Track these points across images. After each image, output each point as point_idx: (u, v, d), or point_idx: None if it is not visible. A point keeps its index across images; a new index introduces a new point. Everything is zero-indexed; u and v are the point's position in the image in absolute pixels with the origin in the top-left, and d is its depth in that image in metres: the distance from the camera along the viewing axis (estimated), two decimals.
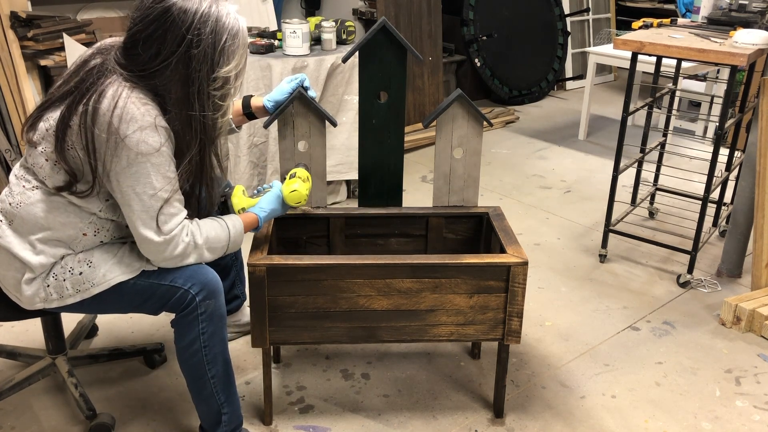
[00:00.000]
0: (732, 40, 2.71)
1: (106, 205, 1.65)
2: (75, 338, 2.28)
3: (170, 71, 1.56)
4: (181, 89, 1.57)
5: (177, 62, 1.55)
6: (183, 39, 1.54)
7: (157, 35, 1.55)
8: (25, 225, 1.65)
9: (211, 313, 1.71)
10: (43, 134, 1.62)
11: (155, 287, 1.69)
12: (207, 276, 1.71)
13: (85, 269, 1.65)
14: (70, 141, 1.57)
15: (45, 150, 1.62)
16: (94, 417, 1.96)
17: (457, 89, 2.09)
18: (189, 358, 1.75)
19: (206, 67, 1.57)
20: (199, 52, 1.55)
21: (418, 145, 4.49)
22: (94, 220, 1.66)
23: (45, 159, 1.62)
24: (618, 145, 2.92)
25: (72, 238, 1.65)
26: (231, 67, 1.61)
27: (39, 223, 1.64)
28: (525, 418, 2.10)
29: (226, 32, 1.58)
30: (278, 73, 3.12)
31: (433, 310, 1.92)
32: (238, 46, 1.61)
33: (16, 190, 1.67)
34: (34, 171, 1.66)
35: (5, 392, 2.02)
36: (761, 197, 2.74)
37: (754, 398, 2.22)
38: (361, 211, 2.18)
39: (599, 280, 2.93)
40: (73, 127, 1.56)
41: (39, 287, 1.66)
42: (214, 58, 1.57)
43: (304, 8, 5.51)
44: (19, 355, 2.19)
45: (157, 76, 1.57)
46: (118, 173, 1.56)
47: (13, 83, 3.38)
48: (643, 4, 6.71)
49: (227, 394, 1.82)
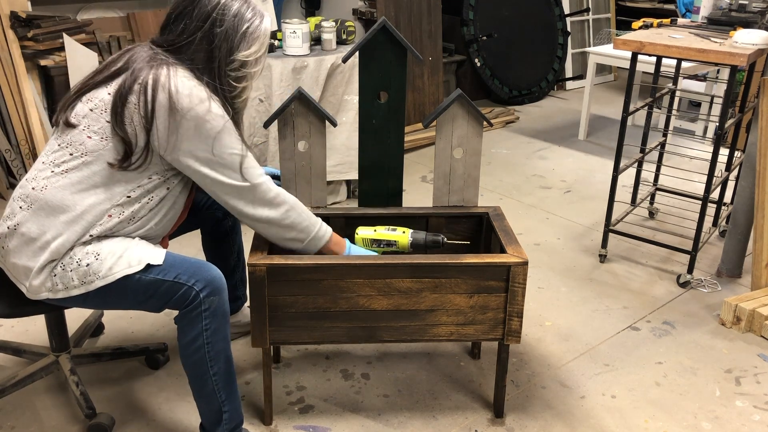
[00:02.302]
0: (732, 40, 2.71)
1: (150, 181, 1.71)
2: (79, 336, 2.28)
3: (195, 45, 1.69)
4: (205, 64, 1.70)
5: (201, 37, 1.69)
6: (208, 16, 1.68)
7: (187, 11, 1.70)
8: (48, 208, 1.67)
9: (214, 310, 1.72)
10: (85, 113, 1.67)
11: (159, 283, 1.70)
12: (211, 273, 1.73)
13: (93, 261, 1.67)
14: (127, 117, 1.63)
15: (88, 127, 1.66)
16: (94, 416, 1.96)
17: (457, 89, 2.09)
18: (191, 355, 1.75)
19: (226, 46, 1.70)
20: (222, 31, 1.69)
21: (418, 145, 4.50)
22: (123, 202, 1.69)
23: (88, 136, 1.66)
24: (618, 145, 2.92)
25: (96, 219, 1.68)
26: (250, 52, 1.74)
27: (64, 204, 1.66)
28: (525, 418, 2.10)
29: (249, 21, 1.72)
30: (278, 73, 3.12)
31: (433, 310, 1.92)
32: (258, 36, 1.74)
33: (42, 175, 1.70)
34: (72, 151, 1.67)
35: (8, 389, 2.02)
36: (761, 197, 2.74)
37: (754, 398, 2.22)
38: (361, 211, 2.18)
39: (599, 280, 2.93)
40: (130, 105, 1.63)
41: (47, 277, 1.67)
42: (234, 40, 1.71)
43: (304, 8, 5.51)
44: (24, 352, 2.19)
45: (184, 50, 1.70)
46: (190, 143, 1.65)
47: (13, 83, 3.38)
48: (643, 4, 6.71)
49: (228, 392, 1.82)
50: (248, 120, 3.21)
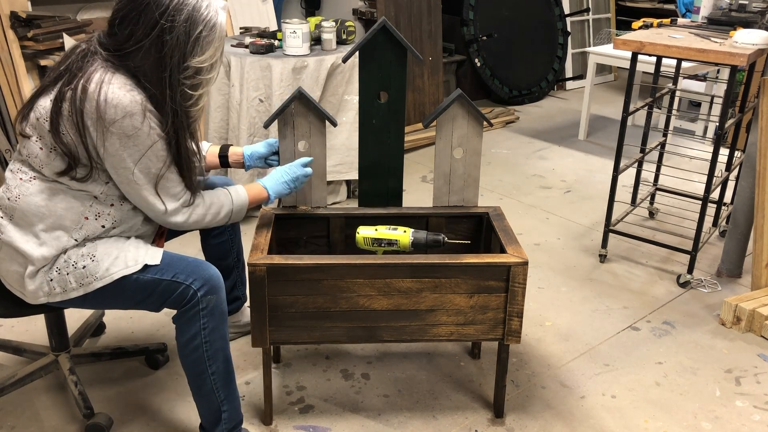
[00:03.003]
0: (732, 40, 2.71)
1: (107, 188, 1.68)
2: (80, 336, 2.28)
3: (143, 54, 1.58)
4: (153, 73, 1.59)
5: (150, 46, 1.58)
6: (156, 24, 1.56)
7: (132, 16, 1.57)
8: (25, 217, 1.66)
9: (212, 309, 1.72)
10: (34, 124, 1.63)
11: (157, 282, 1.70)
12: (209, 272, 1.73)
13: (89, 263, 1.67)
14: (63, 126, 1.59)
15: (39, 139, 1.63)
16: (92, 416, 1.96)
17: (457, 89, 2.09)
18: (190, 354, 1.75)
19: (178, 54, 1.59)
20: (172, 38, 1.57)
21: (418, 145, 4.50)
22: (94, 204, 1.68)
23: (39, 148, 1.63)
24: (618, 145, 2.92)
25: (74, 223, 1.67)
26: (204, 58, 1.63)
27: (40, 212, 1.65)
28: (525, 418, 2.10)
29: (202, 23, 1.60)
30: (278, 73, 3.12)
31: (433, 309, 1.92)
32: (213, 39, 1.62)
33: (13, 184, 1.68)
34: (30, 162, 1.67)
35: (7, 388, 2.03)
36: (761, 197, 2.74)
37: (754, 398, 2.22)
38: (361, 211, 2.18)
39: (599, 280, 2.93)
40: (64, 113, 1.58)
41: (42, 281, 1.67)
42: (186, 47, 1.59)
43: (304, 8, 5.51)
44: (24, 351, 2.20)
45: (131, 57, 1.59)
46: (113, 156, 1.60)
47: (13, 83, 3.38)
48: (643, 4, 6.71)
49: (227, 391, 1.82)
50: (248, 120, 3.21)
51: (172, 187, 1.70)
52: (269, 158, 2.13)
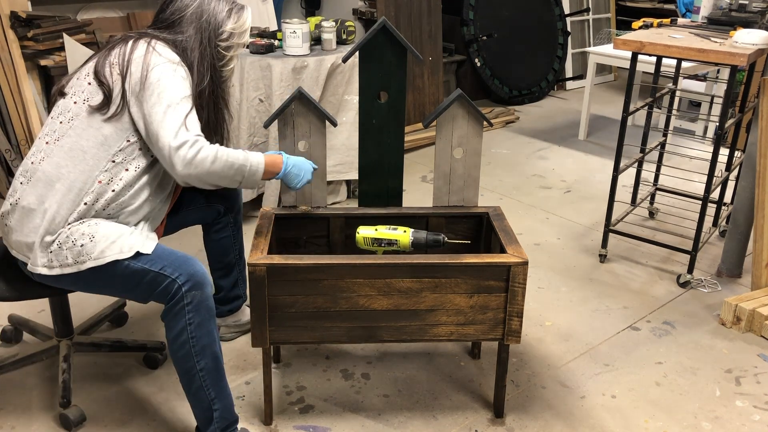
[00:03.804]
0: (732, 40, 2.71)
1: (127, 145, 1.78)
2: (91, 325, 2.33)
3: (186, 19, 1.88)
4: (194, 35, 1.87)
5: (192, 13, 1.88)
6: None
7: None
8: (44, 178, 1.77)
9: (197, 304, 1.75)
10: (73, 83, 1.84)
11: (146, 272, 1.75)
12: (194, 267, 1.77)
13: (87, 243, 1.74)
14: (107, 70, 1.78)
15: (75, 93, 1.81)
16: (67, 406, 2.00)
17: (457, 89, 2.09)
18: (178, 350, 1.78)
19: (215, 21, 1.90)
20: (210, 8, 1.90)
21: (418, 145, 4.50)
22: (108, 168, 1.76)
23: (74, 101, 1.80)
24: (618, 145, 2.92)
25: (86, 185, 1.76)
26: (237, 25, 1.94)
27: (59, 173, 1.76)
28: (525, 418, 2.10)
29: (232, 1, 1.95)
30: (278, 73, 3.12)
31: (433, 309, 1.92)
32: (242, 13, 1.96)
33: (39, 148, 1.82)
34: (61, 119, 1.79)
35: (6, 366, 2.08)
36: (761, 197, 2.74)
37: (754, 398, 2.22)
38: (361, 211, 2.18)
39: (599, 280, 2.93)
40: (111, 57, 1.79)
41: (44, 252, 1.76)
42: (222, 14, 1.91)
43: (304, 8, 5.51)
44: (37, 332, 2.28)
45: (176, 24, 1.88)
46: (144, 92, 1.74)
47: (13, 83, 3.38)
48: (643, 4, 6.71)
49: (218, 389, 1.83)
50: (248, 120, 3.21)
51: (189, 120, 1.76)
52: None
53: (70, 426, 1.98)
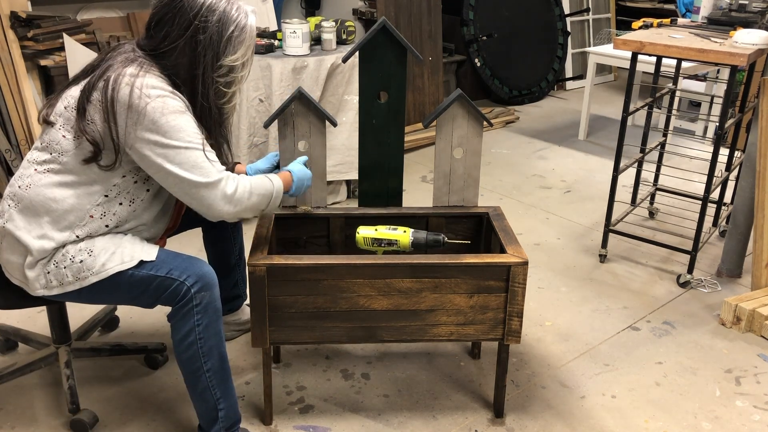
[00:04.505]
0: (732, 40, 2.71)
1: (122, 181, 1.70)
2: (86, 330, 2.31)
3: (178, 53, 1.67)
4: (188, 72, 1.68)
5: (184, 45, 1.67)
6: (190, 24, 1.65)
7: (168, 18, 1.67)
8: (33, 207, 1.69)
9: (206, 306, 1.73)
10: (60, 112, 1.68)
11: (152, 279, 1.72)
12: (202, 269, 1.75)
13: (86, 258, 1.69)
14: (89, 114, 1.63)
15: (63, 126, 1.67)
16: (77, 411, 1.98)
17: (457, 89, 2.09)
18: (184, 351, 1.76)
19: (211, 53, 1.68)
20: (205, 38, 1.66)
21: (418, 145, 4.50)
22: (102, 202, 1.70)
23: (62, 135, 1.67)
24: (618, 145, 2.92)
25: (79, 220, 1.69)
26: (236, 56, 1.71)
27: (47, 205, 1.68)
28: (525, 418, 2.10)
29: (233, 24, 1.68)
30: (278, 73, 3.12)
31: (433, 310, 1.92)
32: (244, 39, 1.71)
33: (27, 173, 1.72)
34: (50, 150, 1.69)
35: (6, 376, 2.06)
36: (761, 197, 2.74)
37: (754, 398, 2.22)
38: (361, 211, 2.18)
39: (599, 280, 2.93)
40: (94, 102, 1.63)
41: (40, 274, 1.70)
42: (219, 46, 1.68)
43: (304, 8, 5.51)
44: (30, 340, 2.25)
45: (167, 56, 1.68)
46: (149, 137, 1.61)
47: (13, 83, 3.38)
48: (643, 4, 6.71)
49: (223, 389, 1.83)
50: (248, 120, 3.21)
51: (211, 157, 1.67)
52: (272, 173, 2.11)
53: (86, 428, 1.97)
